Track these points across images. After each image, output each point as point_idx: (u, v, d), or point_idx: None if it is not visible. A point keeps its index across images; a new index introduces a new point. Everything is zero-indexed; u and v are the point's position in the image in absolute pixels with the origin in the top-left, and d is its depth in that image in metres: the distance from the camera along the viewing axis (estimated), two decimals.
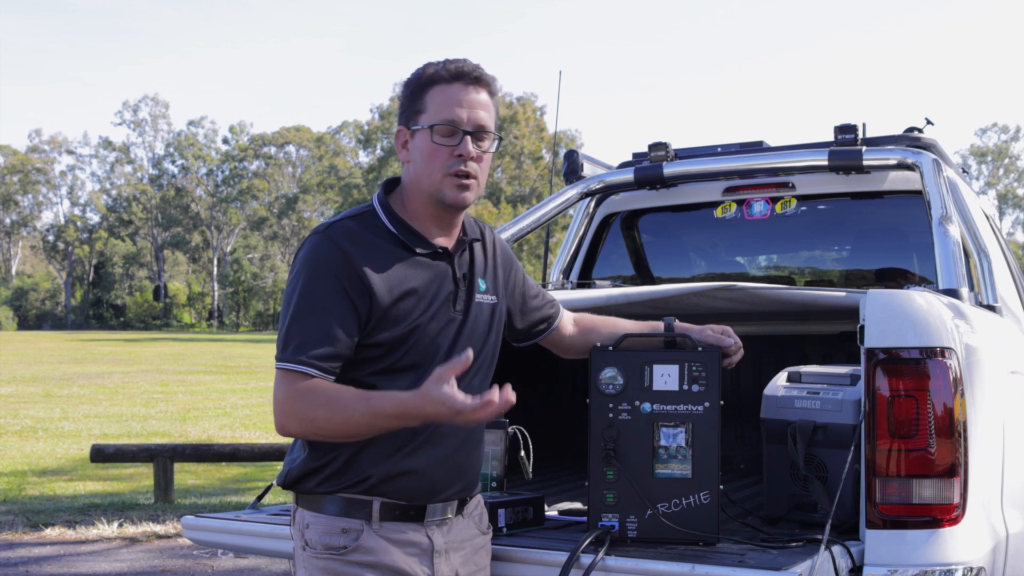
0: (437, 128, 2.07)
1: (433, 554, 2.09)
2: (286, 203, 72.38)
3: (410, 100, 2.12)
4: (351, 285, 2.01)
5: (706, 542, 2.30)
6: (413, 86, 2.12)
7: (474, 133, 2.09)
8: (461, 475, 2.15)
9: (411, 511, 2.07)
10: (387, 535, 2.05)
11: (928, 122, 3.78)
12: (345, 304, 2.00)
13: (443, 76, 2.09)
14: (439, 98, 2.08)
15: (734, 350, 2.38)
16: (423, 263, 2.10)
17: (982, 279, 3.09)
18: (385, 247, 2.07)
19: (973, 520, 2.32)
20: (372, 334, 2.03)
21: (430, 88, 2.09)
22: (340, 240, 2.04)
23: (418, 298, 2.06)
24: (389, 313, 2.03)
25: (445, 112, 2.07)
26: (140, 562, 6.16)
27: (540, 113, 60.92)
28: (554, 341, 2.48)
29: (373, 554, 2.03)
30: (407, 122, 2.12)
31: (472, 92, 2.10)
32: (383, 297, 2.02)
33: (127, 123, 76.62)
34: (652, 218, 4.39)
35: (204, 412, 15.72)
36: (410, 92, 2.12)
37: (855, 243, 4.23)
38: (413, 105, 2.11)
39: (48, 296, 74.49)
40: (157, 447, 8.12)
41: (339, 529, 2.04)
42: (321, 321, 1.99)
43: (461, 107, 2.08)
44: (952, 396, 2.26)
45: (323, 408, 1.95)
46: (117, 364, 27.52)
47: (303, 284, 2.03)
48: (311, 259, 2.04)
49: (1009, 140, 72.73)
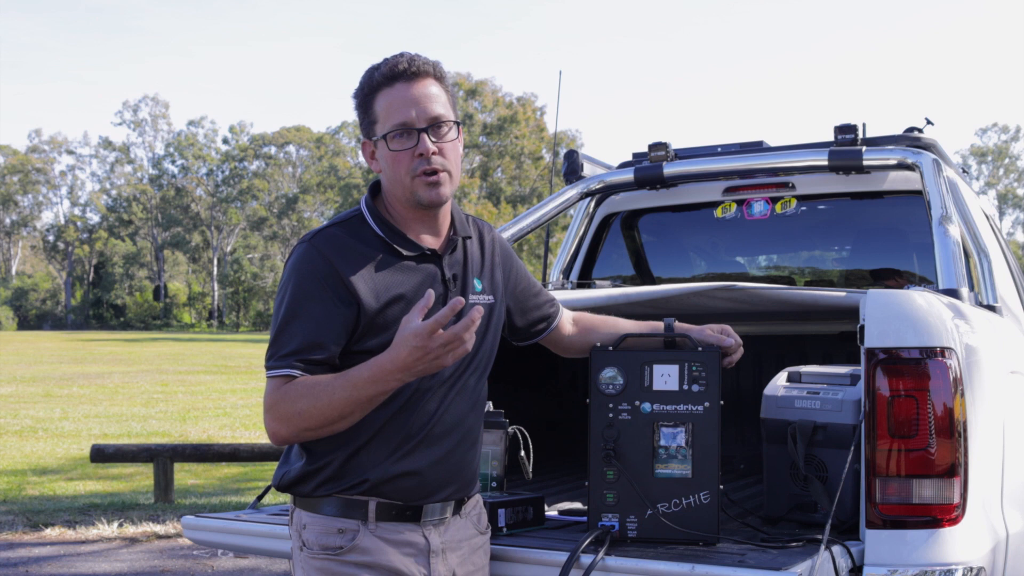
0: (390, 136, 2.06)
1: (430, 554, 2.09)
2: (286, 203, 72.36)
3: (363, 112, 2.11)
4: (337, 293, 2.01)
5: (706, 542, 2.30)
6: (360, 97, 2.11)
7: (429, 128, 2.06)
8: (458, 475, 2.14)
9: (407, 511, 2.07)
10: (383, 535, 2.05)
11: (928, 122, 3.78)
12: (332, 311, 2.00)
13: (382, 81, 2.07)
14: (385, 103, 2.06)
15: (734, 349, 2.38)
16: (410, 267, 2.09)
17: (982, 279, 3.09)
18: (371, 253, 2.07)
19: (973, 520, 2.32)
20: (360, 341, 2.03)
21: (375, 95, 2.08)
22: (325, 249, 2.04)
23: (406, 303, 2.05)
24: (376, 320, 2.03)
25: (394, 116, 2.05)
26: (140, 562, 6.16)
27: (540, 113, 60.93)
28: (554, 340, 2.48)
29: (369, 554, 2.04)
30: (367, 134, 2.12)
31: (415, 87, 2.06)
32: (370, 304, 2.02)
33: (127, 123, 76.65)
34: (652, 218, 4.39)
35: (204, 412, 15.72)
36: (360, 104, 2.12)
37: (855, 243, 4.23)
38: (367, 116, 2.11)
39: (48, 296, 74.48)
40: (157, 447, 8.12)
41: (335, 529, 2.05)
42: (307, 328, 2.00)
43: (407, 106, 2.05)
44: (952, 396, 2.26)
45: (304, 398, 1.95)
46: (117, 364, 27.52)
47: (290, 293, 2.04)
48: (298, 268, 2.05)
49: (1009, 140, 72.72)
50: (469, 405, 2.16)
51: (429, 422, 2.07)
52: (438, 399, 2.09)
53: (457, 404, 2.12)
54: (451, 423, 2.11)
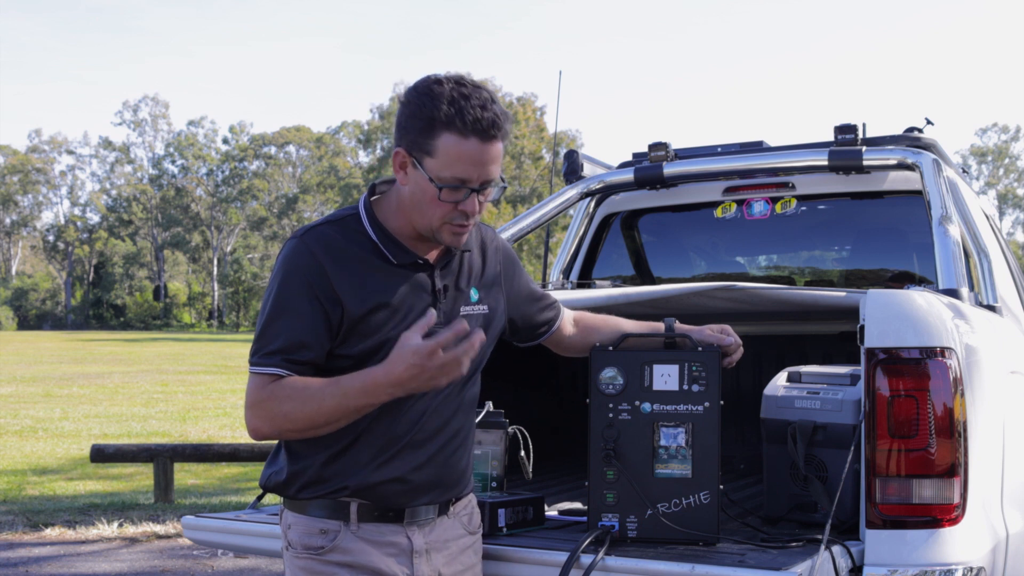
0: (445, 186, 1.96)
1: (412, 554, 2.09)
2: (286, 203, 72.36)
3: (417, 131, 1.96)
4: (322, 293, 1.99)
5: (706, 542, 2.30)
6: (423, 118, 1.94)
7: (481, 188, 1.99)
8: (444, 478, 2.13)
9: (390, 513, 2.07)
10: (365, 536, 2.05)
11: (928, 122, 3.78)
12: (317, 310, 1.98)
13: (459, 126, 1.92)
14: (452, 152, 1.93)
15: (734, 349, 2.38)
16: (400, 274, 2.06)
17: (982, 279, 3.09)
18: (362, 256, 2.03)
19: (973, 520, 2.32)
20: (343, 345, 2.01)
21: (443, 132, 1.93)
22: (314, 247, 2.02)
23: (391, 311, 2.02)
24: (359, 325, 2.00)
25: (456, 169, 1.94)
26: (140, 562, 6.16)
27: (540, 113, 60.96)
28: (554, 341, 2.48)
29: (350, 554, 2.04)
30: (410, 149, 1.98)
31: (488, 150, 1.96)
32: (354, 308, 1.99)
33: (127, 123, 76.69)
34: (652, 218, 4.39)
35: (204, 412, 15.72)
36: (418, 122, 1.95)
37: (855, 243, 4.23)
38: (420, 139, 1.96)
39: (48, 296, 74.48)
40: (157, 447, 8.12)
41: (318, 530, 2.05)
42: (293, 325, 1.98)
43: (474, 166, 1.95)
44: (952, 396, 2.26)
45: (292, 400, 1.94)
46: (117, 364, 27.51)
47: (277, 289, 2.02)
48: (287, 264, 2.03)
49: (1009, 140, 72.72)
50: (454, 410, 2.14)
51: (412, 428, 2.06)
52: (423, 406, 2.07)
53: (442, 410, 2.10)
54: (435, 428, 2.09)
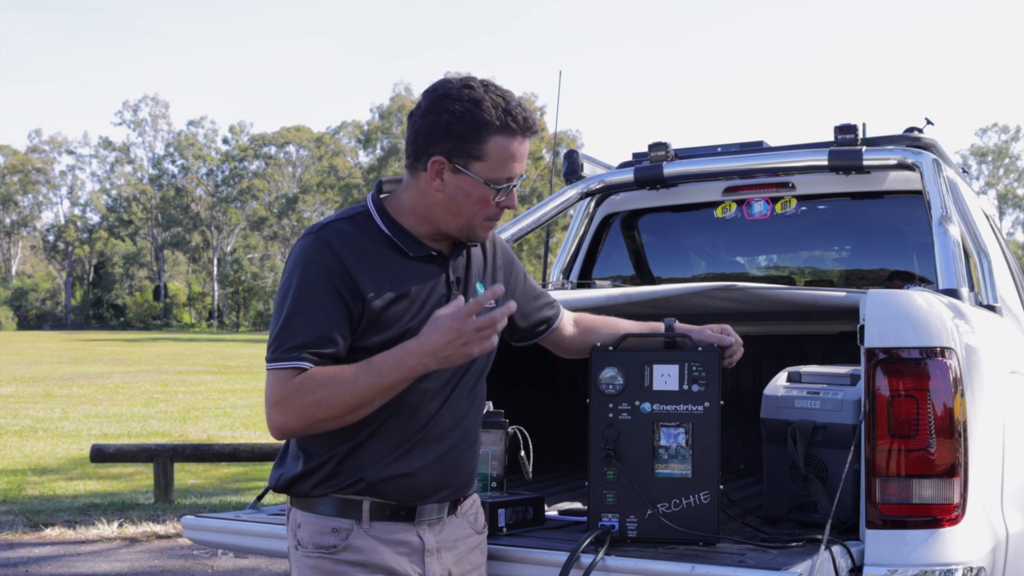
0: (502, 187, 2.05)
1: (424, 553, 2.09)
2: (286, 203, 72.36)
3: (460, 138, 2.00)
4: (344, 286, 1.99)
5: (706, 542, 2.30)
6: (469, 123, 1.99)
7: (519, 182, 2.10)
8: (454, 477, 2.14)
9: (402, 511, 2.07)
10: (377, 535, 2.05)
11: (928, 122, 3.77)
12: (339, 304, 1.99)
13: (509, 126, 2.01)
14: (502, 152, 2.02)
15: (734, 349, 2.38)
16: (415, 266, 2.08)
17: (982, 279, 3.09)
18: (378, 250, 2.06)
19: (973, 520, 2.32)
20: (362, 337, 2.02)
21: (492, 135, 2.00)
22: (333, 241, 2.02)
23: (409, 302, 2.05)
24: (380, 317, 2.02)
25: (507, 169, 2.04)
26: (140, 562, 6.16)
27: (540, 113, 60.82)
28: (554, 341, 2.48)
29: (363, 553, 2.04)
30: (452, 157, 2.01)
31: (526, 145, 2.07)
32: (374, 300, 2.01)
33: (127, 123, 76.68)
34: (652, 218, 4.39)
35: (204, 412, 15.72)
36: (464, 127, 1.99)
37: (855, 243, 4.23)
38: (468, 145, 2.00)
39: (48, 296, 74.48)
40: (157, 447, 8.12)
41: (329, 528, 2.05)
42: (316, 320, 1.98)
43: (518, 163, 2.06)
44: (952, 396, 2.26)
45: (325, 388, 1.93)
46: (117, 364, 27.51)
47: (297, 284, 2.01)
48: (304, 260, 2.02)
49: (1009, 140, 72.72)
50: (467, 406, 2.16)
51: (428, 423, 2.07)
52: (439, 401, 2.08)
53: (456, 406, 2.12)
54: (449, 425, 2.11)
